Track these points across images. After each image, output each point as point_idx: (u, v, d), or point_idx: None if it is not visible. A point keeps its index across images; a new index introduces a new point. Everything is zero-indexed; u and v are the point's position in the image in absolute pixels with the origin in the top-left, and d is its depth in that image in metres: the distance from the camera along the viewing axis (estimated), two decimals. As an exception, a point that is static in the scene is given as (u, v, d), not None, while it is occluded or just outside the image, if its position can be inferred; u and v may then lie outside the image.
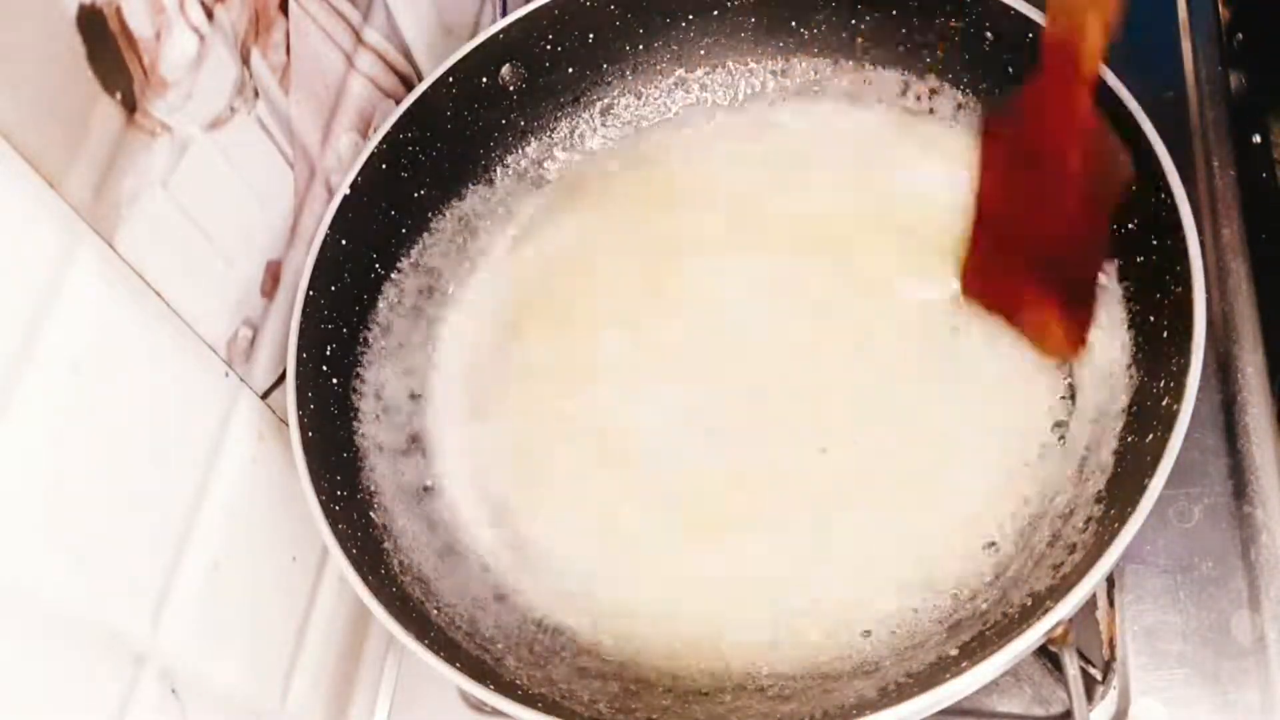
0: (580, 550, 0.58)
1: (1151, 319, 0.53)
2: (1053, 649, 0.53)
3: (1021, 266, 0.56)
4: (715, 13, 0.68)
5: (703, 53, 0.69)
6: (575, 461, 0.61)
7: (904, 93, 0.66)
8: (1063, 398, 0.57)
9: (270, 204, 0.57)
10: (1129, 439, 0.52)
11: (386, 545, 0.57)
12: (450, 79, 0.64)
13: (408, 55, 0.69)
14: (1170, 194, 0.51)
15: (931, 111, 0.65)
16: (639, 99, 0.70)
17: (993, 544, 0.54)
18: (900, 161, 0.65)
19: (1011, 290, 0.57)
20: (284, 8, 0.56)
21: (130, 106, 0.45)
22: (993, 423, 0.57)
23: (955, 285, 0.61)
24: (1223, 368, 0.63)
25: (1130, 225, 0.55)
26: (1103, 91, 0.54)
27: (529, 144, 0.69)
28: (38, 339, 0.40)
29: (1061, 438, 0.56)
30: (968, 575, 0.54)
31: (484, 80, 0.66)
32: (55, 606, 0.40)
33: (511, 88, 0.67)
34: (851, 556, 0.55)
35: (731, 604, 0.56)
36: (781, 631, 0.54)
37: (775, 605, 0.55)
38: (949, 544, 0.55)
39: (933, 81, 0.65)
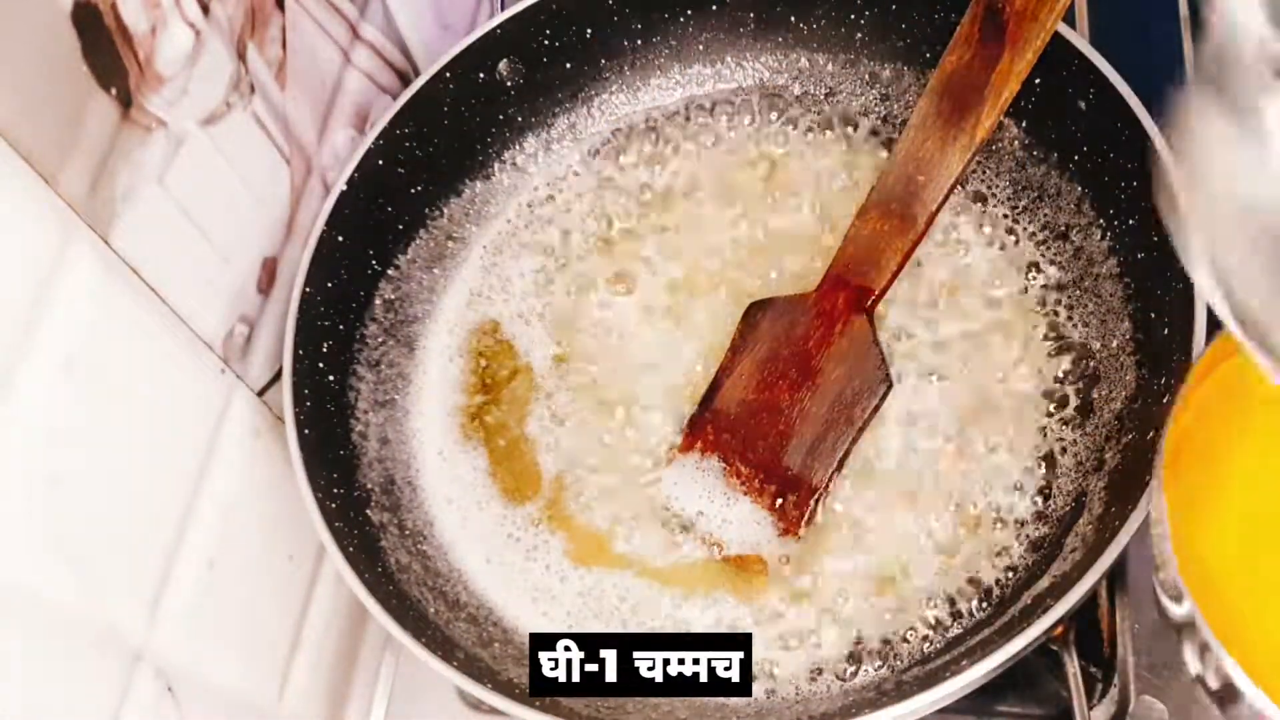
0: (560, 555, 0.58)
1: (1152, 315, 0.53)
2: (1053, 648, 0.53)
3: (758, 439, 0.57)
4: (714, 8, 0.68)
5: (701, 48, 0.69)
6: (569, 464, 0.61)
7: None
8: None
9: (266, 200, 0.57)
10: (1129, 437, 0.52)
11: (383, 543, 0.56)
12: (447, 75, 0.64)
13: (405, 51, 0.69)
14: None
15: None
16: (637, 95, 0.70)
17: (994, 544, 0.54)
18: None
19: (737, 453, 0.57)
20: (280, 3, 0.56)
21: (125, 102, 0.45)
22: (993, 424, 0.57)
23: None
24: (1223, 365, 0.63)
25: (1132, 221, 0.55)
26: (1104, 90, 0.55)
27: (526, 140, 0.69)
28: (32, 336, 0.40)
29: (1061, 436, 0.56)
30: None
31: (481, 76, 0.66)
32: (50, 604, 0.40)
33: (509, 83, 0.67)
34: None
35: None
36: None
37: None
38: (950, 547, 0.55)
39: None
